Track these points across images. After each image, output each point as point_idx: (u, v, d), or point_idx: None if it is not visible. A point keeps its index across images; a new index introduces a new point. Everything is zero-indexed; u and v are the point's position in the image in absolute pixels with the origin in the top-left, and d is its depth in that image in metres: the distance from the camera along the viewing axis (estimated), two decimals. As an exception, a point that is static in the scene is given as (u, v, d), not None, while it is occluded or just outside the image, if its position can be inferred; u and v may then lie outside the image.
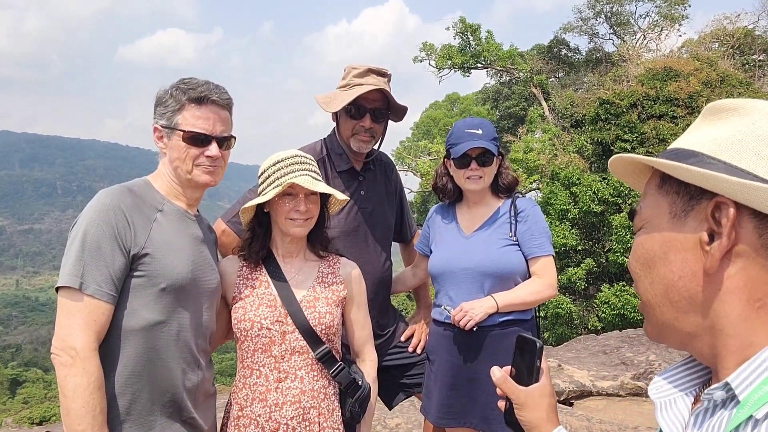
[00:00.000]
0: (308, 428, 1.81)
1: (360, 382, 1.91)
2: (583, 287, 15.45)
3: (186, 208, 1.80)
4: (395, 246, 2.76)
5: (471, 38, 23.12)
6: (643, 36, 23.85)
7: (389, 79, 2.36)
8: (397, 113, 2.43)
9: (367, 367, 2.03)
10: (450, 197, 2.40)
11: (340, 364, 1.88)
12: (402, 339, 2.54)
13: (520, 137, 20.86)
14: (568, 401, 5.19)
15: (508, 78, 26.61)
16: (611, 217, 14.77)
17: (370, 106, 2.30)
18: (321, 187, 1.80)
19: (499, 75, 26.79)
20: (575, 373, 5.57)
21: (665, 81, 15.68)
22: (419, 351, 2.51)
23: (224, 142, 1.78)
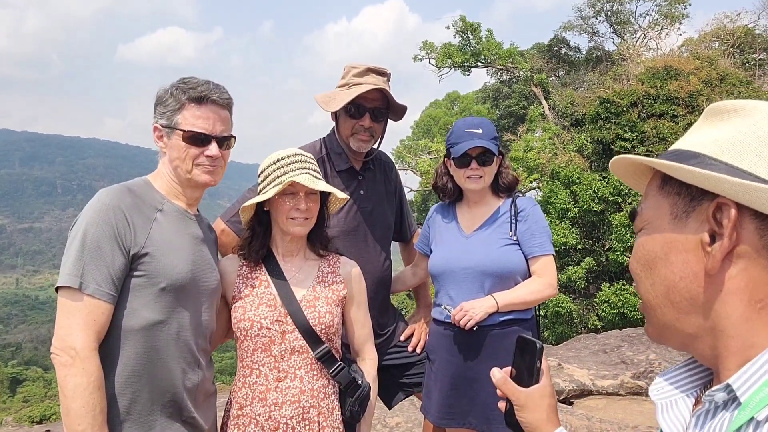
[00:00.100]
0: (308, 427, 1.81)
1: (360, 382, 1.91)
2: (583, 286, 15.46)
3: (186, 208, 1.80)
4: (395, 245, 2.76)
5: (471, 37, 23.09)
6: (644, 35, 23.82)
7: (389, 79, 2.36)
8: (397, 112, 2.42)
9: (368, 366, 2.03)
10: (450, 196, 2.40)
11: (340, 364, 1.88)
12: (402, 338, 2.54)
13: (520, 136, 20.85)
14: (568, 400, 5.20)
15: (509, 77, 26.58)
16: (611, 216, 14.78)
17: (370, 106, 2.30)
18: (321, 186, 1.80)
19: (500, 74, 26.74)
20: (575, 372, 5.57)
21: (665, 80, 15.67)
22: (419, 350, 2.51)
23: (224, 142, 1.78)
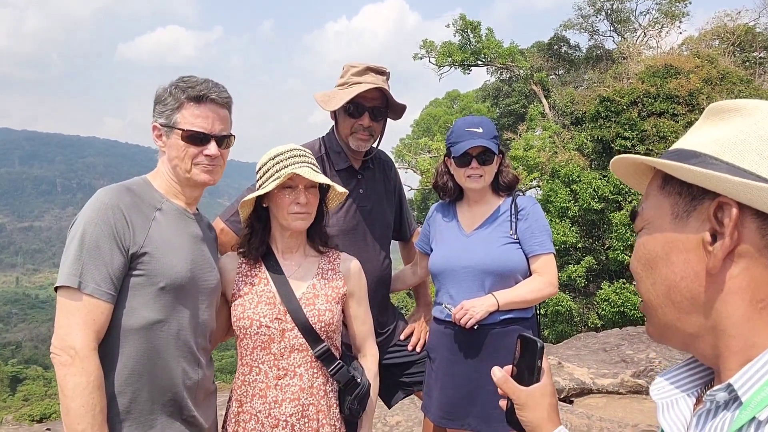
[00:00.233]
0: (307, 425, 1.82)
1: (359, 380, 1.91)
2: (583, 285, 15.46)
3: (185, 207, 1.80)
4: (394, 244, 2.75)
5: (471, 35, 23.07)
6: (644, 33, 23.80)
7: (388, 77, 2.35)
8: (396, 111, 2.42)
9: (368, 362, 2.03)
10: (450, 195, 2.40)
11: (339, 363, 1.88)
12: (401, 337, 2.54)
13: (521, 135, 20.84)
14: (569, 399, 5.20)
15: (509, 75, 26.55)
16: (611, 215, 14.78)
17: (369, 105, 2.29)
18: (321, 178, 1.80)
19: (500, 72, 26.72)
20: (575, 371, 5.57)
21: (666, 78, 15.65)
22: (419, 349, 2.51)
23: (223, 141, 1.77)
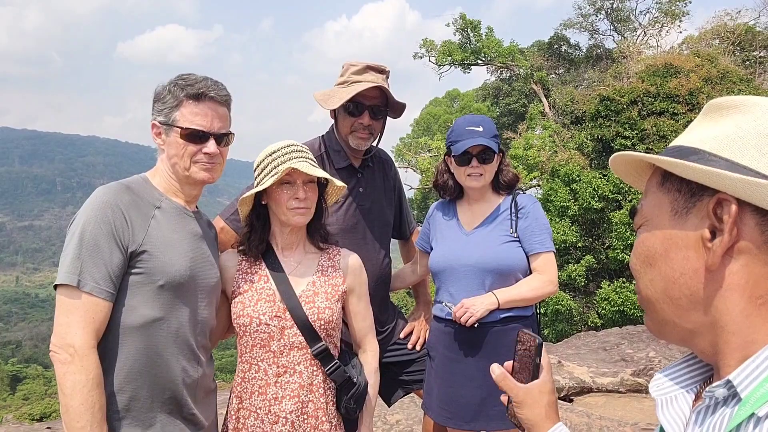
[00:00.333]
0: (306, 421, 1.82)
1: (355, 380, 1.90)
2: (583, 284, 15.46)
3: (184, 205, 1.80)
4: (394, 243, 2.75)
5: (471, 35, 23.07)
6: (644, 32, 23.80)
7: (387, 76, 2.35)
8: (396, 110, 2.42)
9: (369, 358, 2.03)
10: (451, 194, 2.40)
11: (336, 363, 1.87)
12: (401, 336, 2.54)
13: (521, 134, 20.84)
14: (568, 397, 5.20)
15: (509, 74, 26.55)
16: (611, 214, 14.78)
17: (369, 103, 2.29)
18: (319, 172, 1.80)
19: (500, 72, 26.72)
20: (575, 370, 5.58)
21: (666, 78, 15.64)
22: (418, 348, 2.51)
23: (222, 139, 1.77)
